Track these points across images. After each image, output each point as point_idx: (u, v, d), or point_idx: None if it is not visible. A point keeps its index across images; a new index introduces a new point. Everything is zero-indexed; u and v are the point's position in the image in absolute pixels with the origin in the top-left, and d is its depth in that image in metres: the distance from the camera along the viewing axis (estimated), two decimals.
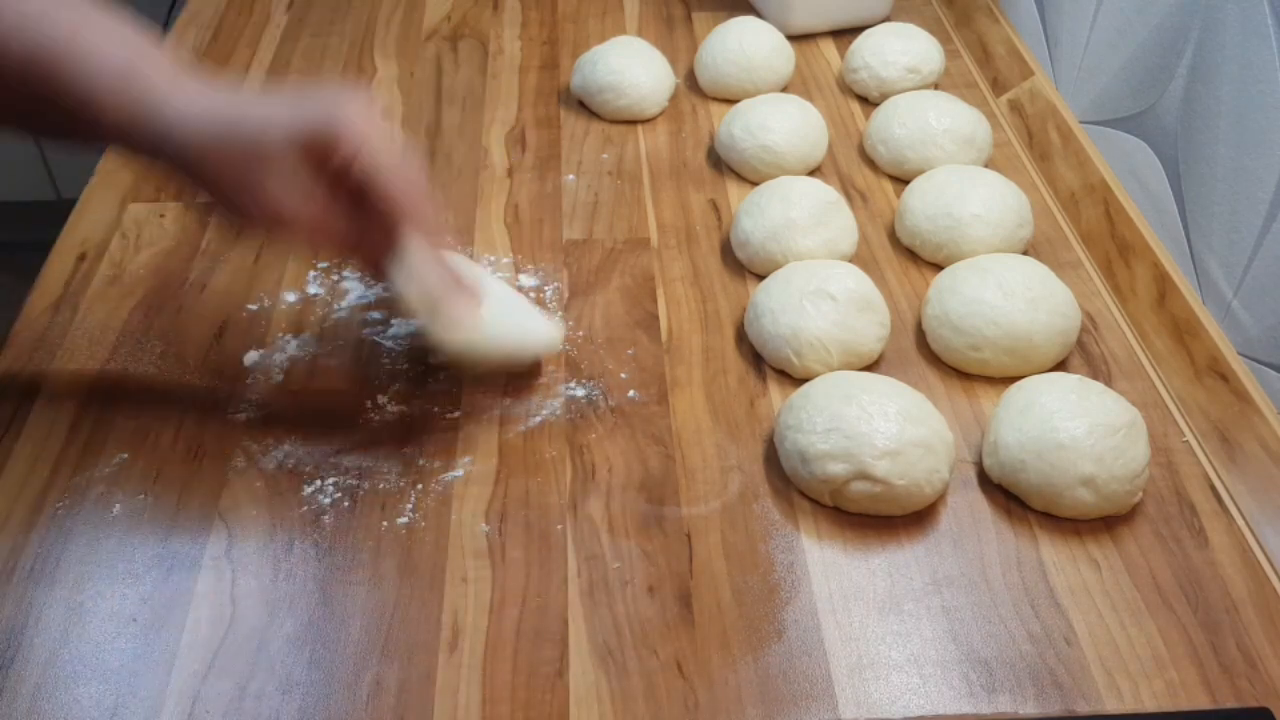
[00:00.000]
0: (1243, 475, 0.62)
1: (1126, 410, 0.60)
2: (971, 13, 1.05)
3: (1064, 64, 0.93)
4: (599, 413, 0.66)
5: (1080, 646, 0.54)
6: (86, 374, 0.67)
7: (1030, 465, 0.59)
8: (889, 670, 0.53)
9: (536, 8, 1.07)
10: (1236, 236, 0.70)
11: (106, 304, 0.72)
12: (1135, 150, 0.82)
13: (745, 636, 0.54)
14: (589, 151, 0.88)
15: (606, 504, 0.60)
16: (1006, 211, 0.75)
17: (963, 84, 0.96)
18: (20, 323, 0.71)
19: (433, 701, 0.51)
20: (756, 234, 0.74)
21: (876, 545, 0.59)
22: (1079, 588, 0.56)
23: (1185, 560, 0.58)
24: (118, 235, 0.77)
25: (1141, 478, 0.59)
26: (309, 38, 1.02)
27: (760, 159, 0.83)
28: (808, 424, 0.60)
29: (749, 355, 0.70)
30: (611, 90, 0.90)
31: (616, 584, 0.56)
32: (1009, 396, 0.62)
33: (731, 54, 0.92)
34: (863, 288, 0.68)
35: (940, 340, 0.69)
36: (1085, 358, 0.70)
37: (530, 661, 0.53)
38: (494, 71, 0.97)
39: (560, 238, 0.79)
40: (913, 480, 0.58)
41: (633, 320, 0.72)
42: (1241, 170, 0.69)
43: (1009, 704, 0.51)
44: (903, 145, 0.83)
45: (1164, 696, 0.52)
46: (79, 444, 0.63)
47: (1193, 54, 0.75)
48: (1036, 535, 0.59)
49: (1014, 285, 0.67)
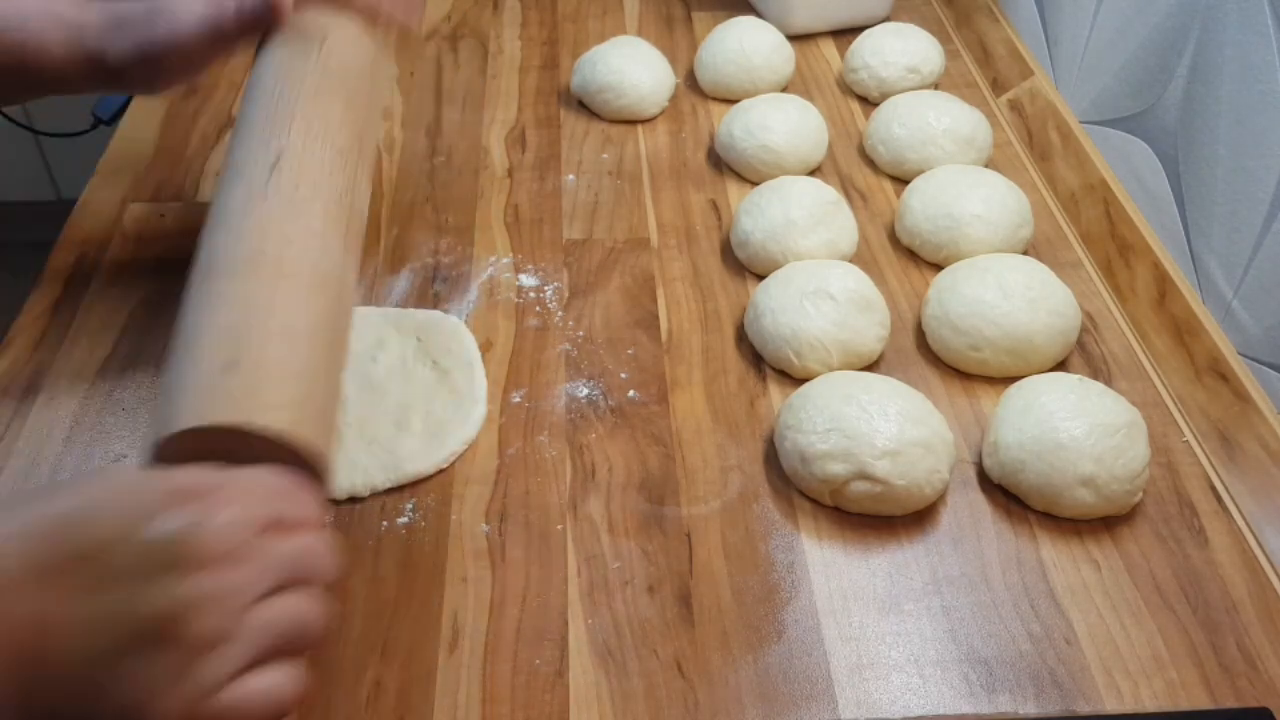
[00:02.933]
0: (1243, 475, 0.62)
1: (1126, 410, 0.60)
2: (971, 13, 1.05)
3: (1064, 64, 0.93)
4: (599, 413, 0.66)
5: (1080, 646, 0.54)
6: (86, 374, 0.67)
7: (1030, 465, 0.59)
8: (889, 670, 0.53)
9: (536, 8, 1.07)
10: (1236, 236, 0.70)
11: (107, 304, 0.72)
12: (1135, 150, 0.82)
13: (745, 636, 0.54)
14: (589, 151, 0.88)
15: (606, 504, 0.60)
16: (1006, 211, 0.75)
17: (963, 84, 0.96)
18: (20, 323, 0.71)
19: (433, 701, 0.51)
20: (756, 234, 0.74)
21: (876, 545, 0.59)
22: (1079, 588, 0.56)
23: (1185, 560, 0.58)
24: (118, 235, 0.77)
25: (1141, 478, 0.59)
26: None
27: (760, 159, 0.83)
28: (808, 424, 0.60)
29: (749, 355, 0.70)
30: (611, 90, 0.90)
31: (616, 584, 0.56)
32: (1009, 396, 0.62)
33: (731, 54, 0.92)
34: (863, 288, 0.68)
35: (940, 340, 0.69)
36: (1085, 358, 0.70)
37: (530, 661, 0.53)
38: (494, 71, 0.97)
39: (560, 238, 0.79)
40: (913, 480, 0.58)
41: (633, 320, 0.72)
42: (1241, 170, 0.69)
43: (1009, 704, 0.51)
44: (903, 145, 0.83)
45: (1164, 696, 0.52)
46: (79, 444, 0.63)
47: (1193, 54, 0.74)
48: (1036, 535, 0.59)
49: (1014, 285, 0.67)
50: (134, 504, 0.39)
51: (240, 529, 0.40)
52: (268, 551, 0.40)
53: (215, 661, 0.38)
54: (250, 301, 0.46)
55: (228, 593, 0.39)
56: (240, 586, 0.39)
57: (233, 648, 0.39)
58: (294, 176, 0.51)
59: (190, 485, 0.40)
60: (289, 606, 0.40)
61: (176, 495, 0.40)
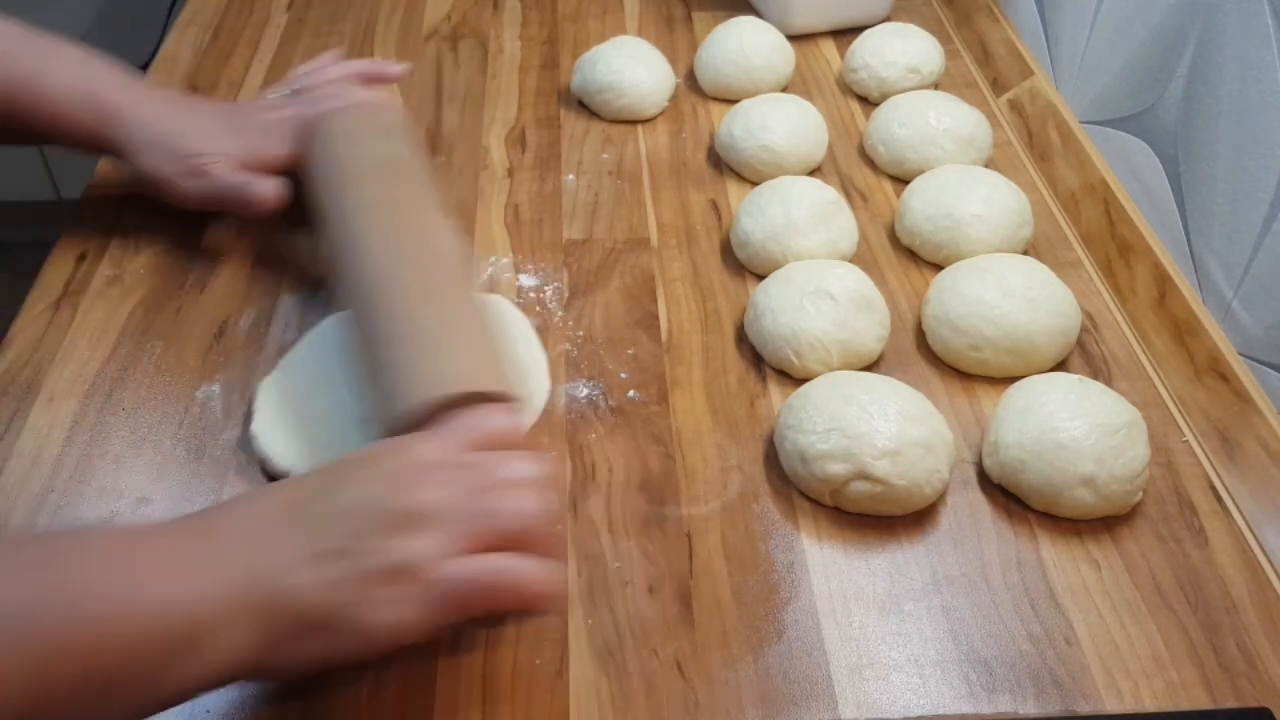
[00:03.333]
0: (1243, 475, 0.62)
1: (1126, 410, 0.60)
2: (971, 13, 1.05)
3: (1064, 64, 0.93)
4: (599, 413, 0.66)
5: (1080, 646, 0.54)
6: (86, 374, 0.67)
7: (1030, 465, 0.59)
8: (889, 670, 0.53)
9: (536, 8, 1.07)
10: (1236, 236, 0.70)
11: (106, 304, 0.72)
12: (1135, 150, 0.82)
13: (745, 636, 0.54)
14: (589, 151, 0.88)
15: (606, 504, 0.60)
16: (1006, 211, 0.75)
17: (963, 84, 0.96)
18: (20, 323, 0.71)
19: (433, 701, 0.51)
20: (756, 234, 0.74)
21: (876, 545, 0.59)
22: (1079, 588, 0.56)
23: (1185, 560, 0.58)
24: (118, 235, 0.77)
25: (1141, 478, 0.59)
26: (309, 38, 1.02)
27: (760, 159, 0.83)
28: (808, 424, 0.60)
29: (749, 355, 0.70)
30: (611, 90, 0.90)
31: (616, 584, 0.56)
32: (1009, 396, 0.62)
33: (731, 54, 0.92)
34: (863, 288, 0.68)
35: (940, 340, 0.69)
36: (1085, 358, 0.70)
37: (530, 661, 0.53)
38: (494, 71, 0.97)
39: (560, 238, 0.79)
40: (913, 480, 0.58)
41: (633, 320, 0.72)
42: (1241, 170, 0.69)
43: (1009, 704, 0.51)
44: (903, 145, 0.83)
45: (1164, 696, 0.52)
46: (79, 444, 0.63)
47: (1193, 54, 0.75)
48: (1036, 535, 0.59)
49: (1014, 285, 0.67)
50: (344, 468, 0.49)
51: (447, 449, 0.49)
52: (475, 462, 0.49)
53: (438, 537, 0.46)
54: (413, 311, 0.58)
55: (427, 490, 0.47)
56: (441, 483, 0.47)
57: (455, 523, 0.46)
58: (398, 236, 0.63)
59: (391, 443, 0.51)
60: (485, 499, 0.48)
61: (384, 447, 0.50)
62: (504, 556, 0.47)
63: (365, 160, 0.68)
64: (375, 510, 0.46)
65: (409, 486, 0.47)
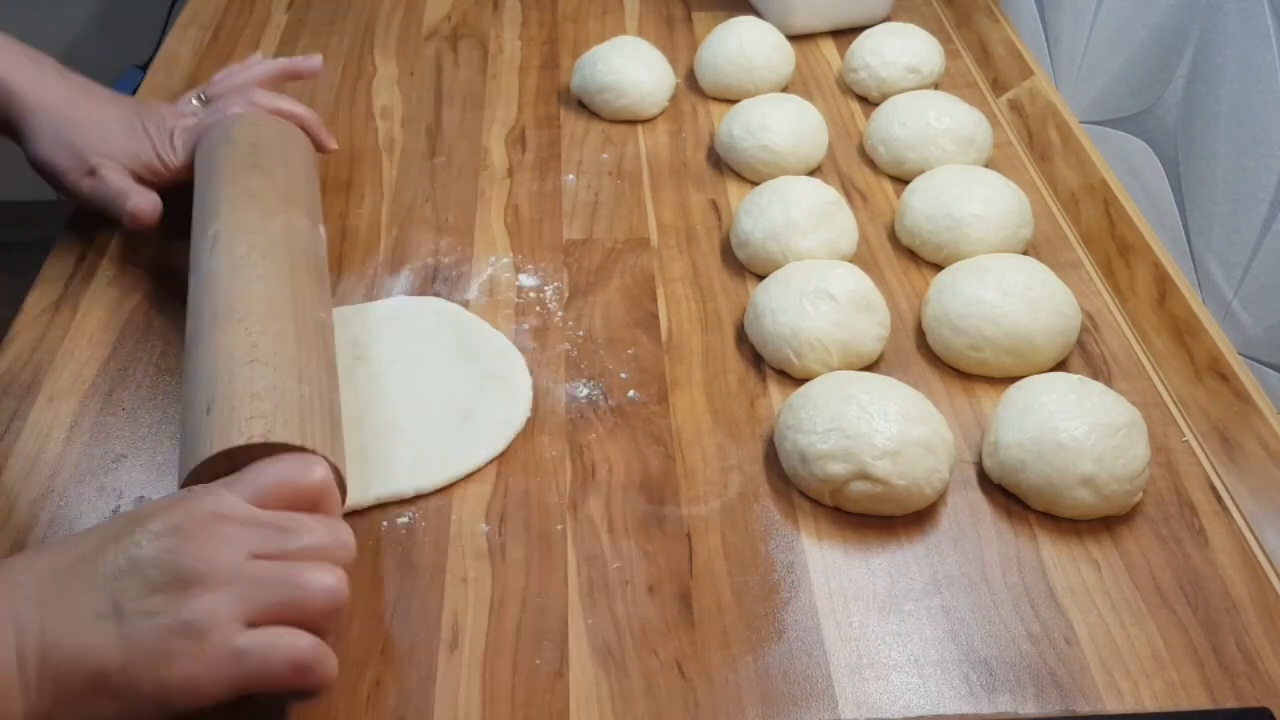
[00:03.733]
0: (1243, 475, 0.62)
1: (1126, 410, 0.60)
2: (971, 13, 1.05)
3: (1064, 64, 0.93)
4: (599, 413, 0.66)
5: (1080, 646, 0.54)
6: (86, 374, 0.67)
7: (1030, 465, 0.59)
8: (889, 670, 0.53)
9: (536, 8, 1.07)
10: (1236, 236, 0.70)
11: (106, 304, 0.72)
12: (1135, 150, 0.82)
13: (745, 636, 0.54)
14: (589, 151, 0.88)
15: (606, 504, 0.60)
16: (1006, 211, 0.75)
17: (963, 84, 0.96)
18: (20, 323, 0.71)
19: (433, 701, 0.51)
20: (756, 234, 0.74)
21: (876, 545, 0.59)
22: (1079, 588, 0.56)
23: (1185, 560, 0.58)
24: (118, 235, 0.77)
25: (1141, 478, 0.59)
26: (309, 38, 1.02)
27: (760, 159, 0.83)
28: (808, 424, 0.60)
29: (749, 355, 0.70)
30: (611, 90, 0.90)
31: (616, 584, 0.56)
32: (1009, 396, 0.62)
33: (731, 54, 0.92)
34: (863, 288, 0.68)
35: (940, 340, 0.69)
36: (1085, 358, 0.70)
37: (530, 661, 0.53)
38: (494, 71, 0.97)
39: (560, 238, 0.79)
40: (913, 480, 0.58)
41: (633, 320, 0.72)
42: (1241, 170, 0.69)
43: (1009, 704, 0.51)
44: (903, 145, 0.83)
45: (1164, 696, 0.52)
46: (79, 444, 0.63)
47: (1193, 54, 0.75)
48: (1036, 535, 0.59)
49: (1014, 285, 0.67)
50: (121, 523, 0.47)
51: (236, 505, 0.47)
52: (268, 520, 0.47)
53: (223, 599, 0.44)
54: (216, 348, 0.55)
55: (218, 547, 0.45)
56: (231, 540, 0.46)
57: (242, 588, 0.45)
58: (230, 242, 0.62)
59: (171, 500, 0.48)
60: (283, 568, 0.46)
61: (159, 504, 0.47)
62: (295, 633, 0.45)
63: (223, 173, 0.67)
64: (160, 566, 0.44)
65: (195, 541, 0.45)
